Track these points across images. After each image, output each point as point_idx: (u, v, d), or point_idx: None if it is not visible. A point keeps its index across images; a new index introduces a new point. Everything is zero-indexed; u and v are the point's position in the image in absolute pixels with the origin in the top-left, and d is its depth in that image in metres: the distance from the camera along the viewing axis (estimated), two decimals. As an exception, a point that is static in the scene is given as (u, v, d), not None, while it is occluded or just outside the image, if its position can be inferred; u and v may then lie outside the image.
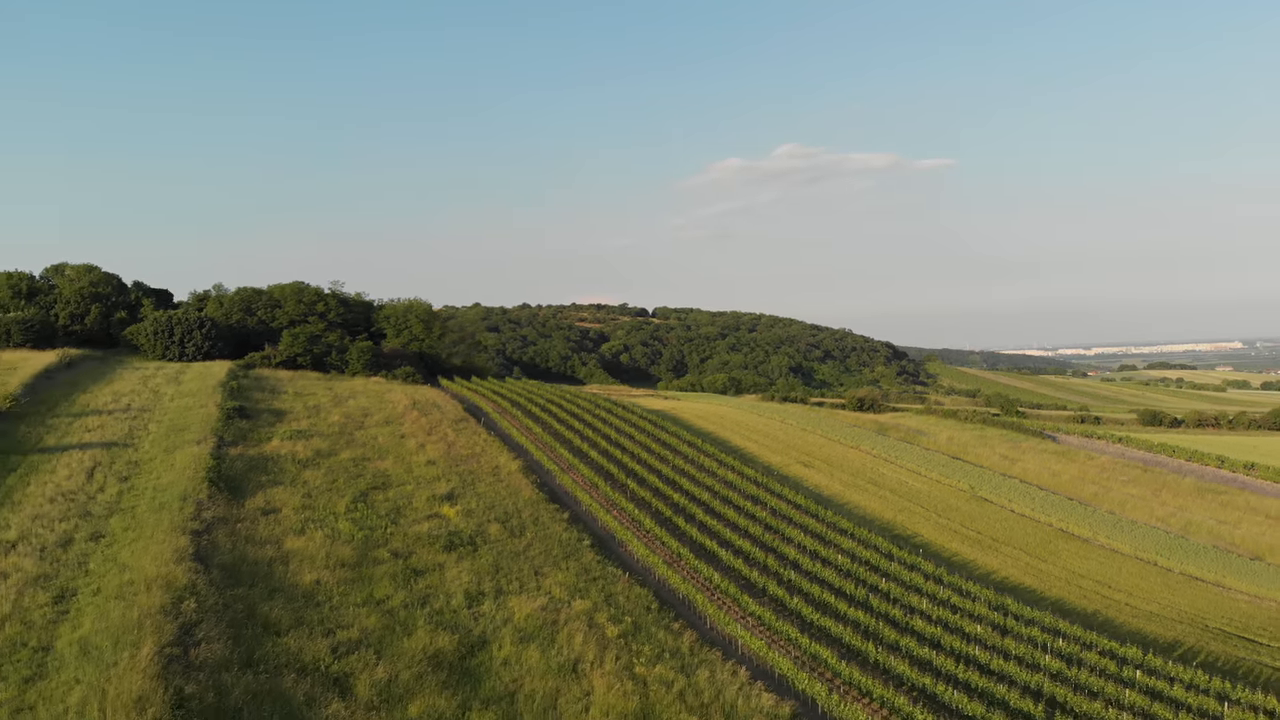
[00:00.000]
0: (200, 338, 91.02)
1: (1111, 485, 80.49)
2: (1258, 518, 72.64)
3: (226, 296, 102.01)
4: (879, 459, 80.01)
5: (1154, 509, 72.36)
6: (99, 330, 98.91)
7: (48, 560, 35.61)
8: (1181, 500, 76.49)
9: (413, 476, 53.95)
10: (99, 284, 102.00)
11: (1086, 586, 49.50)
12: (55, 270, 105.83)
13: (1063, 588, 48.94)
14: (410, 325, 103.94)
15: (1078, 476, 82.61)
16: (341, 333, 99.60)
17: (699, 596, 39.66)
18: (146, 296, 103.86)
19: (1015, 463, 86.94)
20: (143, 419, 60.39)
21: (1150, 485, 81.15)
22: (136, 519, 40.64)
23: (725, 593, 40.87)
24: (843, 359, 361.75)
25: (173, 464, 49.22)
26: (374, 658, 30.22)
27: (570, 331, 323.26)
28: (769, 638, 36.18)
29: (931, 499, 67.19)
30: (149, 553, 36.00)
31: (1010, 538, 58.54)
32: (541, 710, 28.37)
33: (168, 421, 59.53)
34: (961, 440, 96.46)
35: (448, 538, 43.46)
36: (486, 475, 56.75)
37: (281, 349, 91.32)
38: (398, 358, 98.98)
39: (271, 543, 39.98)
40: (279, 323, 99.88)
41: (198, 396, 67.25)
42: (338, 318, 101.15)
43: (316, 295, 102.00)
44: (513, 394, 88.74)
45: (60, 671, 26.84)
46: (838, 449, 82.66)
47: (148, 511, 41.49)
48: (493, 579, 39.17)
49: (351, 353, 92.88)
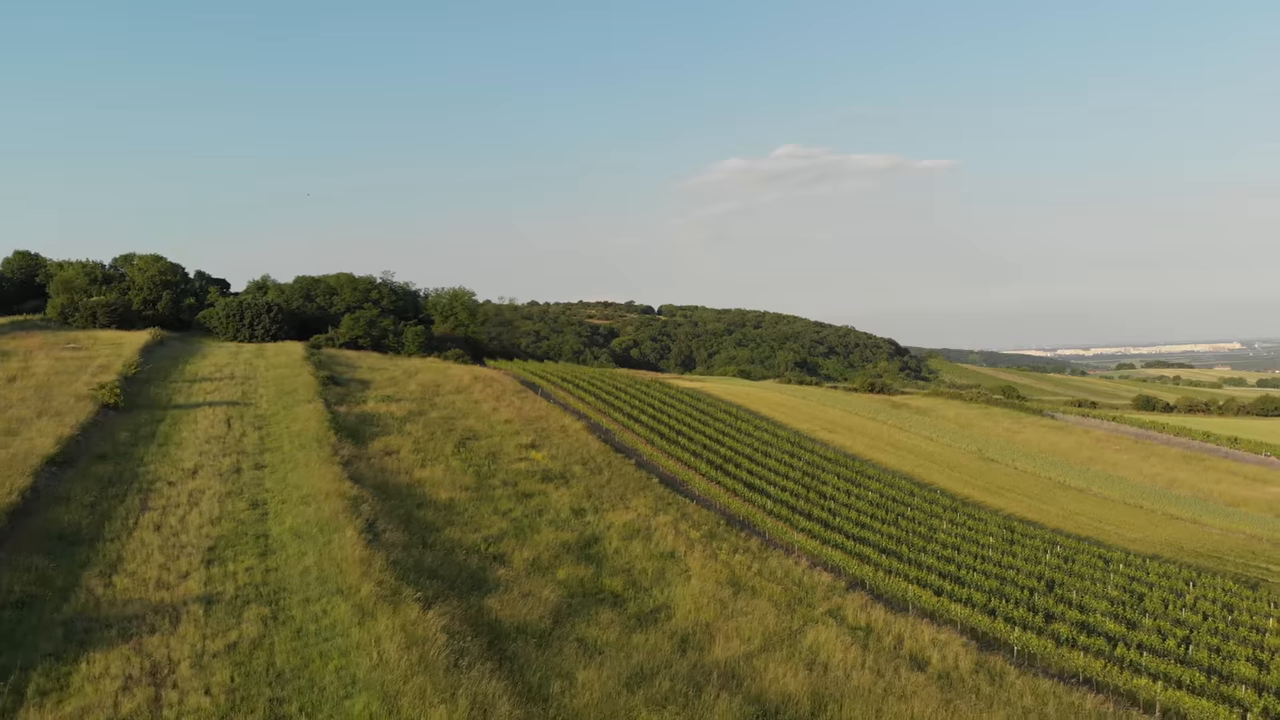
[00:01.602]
0: (268, 321, 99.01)
1: (1104, 453, 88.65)
2: (1236, 479, 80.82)
3: (287, 285, 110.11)
4: (894, 428, 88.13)
5: (1142, 470, 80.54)
6: (169, 314, 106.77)
7: (228, 481, 43.54)
8: (1168, 464, 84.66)
9: (496, 431, 61.95)
10: (166, 272, 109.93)
11: (1081, 521, 57.57)
12: (124, 260, 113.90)
13: (1060, 521, 56.99)
14: (456, 312, 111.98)
15: (1074, 445, 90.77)
16: (394, 318, 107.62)
17: (758, 516, 47.76)
18: (211, 284, 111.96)
19: (1017, 434, 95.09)
20: (250, 384, 68.39)
21: (1140, 453, 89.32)
22: (286, 455, 48.63)
23: (778, 515, 48.94)
24: (846, 355, 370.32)
25: (295, 417, 57.20)
26: (517, 545, 38.26)
27: (581, 328, 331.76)
28: (820, 542, 44.25)
29: (943, 458, 75.29)
30: (312, 475, 43.97)
31: (1014, 487, 66.63)
32: (653, 579, 36.41)
33: (273, 386, 67.52)
34: (967, 416, 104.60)
35: (542, 473, 51.53)
36: (556, 432, 64.75)
37: (343, 331, 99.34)
38: (447, 341, 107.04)
39: (404, 473, 48.03)
40: (336, 309, 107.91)
41: (289, 368, 75.28)
42: (390, 305, 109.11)
43: (370, 284, 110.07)
44: (557, 373, 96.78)
45: (285, 549, 34.74)
46: (856, 420, 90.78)
47: (293, 449, 49.48)
48: (588, 500, 47.23)
49: (407, 335, 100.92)
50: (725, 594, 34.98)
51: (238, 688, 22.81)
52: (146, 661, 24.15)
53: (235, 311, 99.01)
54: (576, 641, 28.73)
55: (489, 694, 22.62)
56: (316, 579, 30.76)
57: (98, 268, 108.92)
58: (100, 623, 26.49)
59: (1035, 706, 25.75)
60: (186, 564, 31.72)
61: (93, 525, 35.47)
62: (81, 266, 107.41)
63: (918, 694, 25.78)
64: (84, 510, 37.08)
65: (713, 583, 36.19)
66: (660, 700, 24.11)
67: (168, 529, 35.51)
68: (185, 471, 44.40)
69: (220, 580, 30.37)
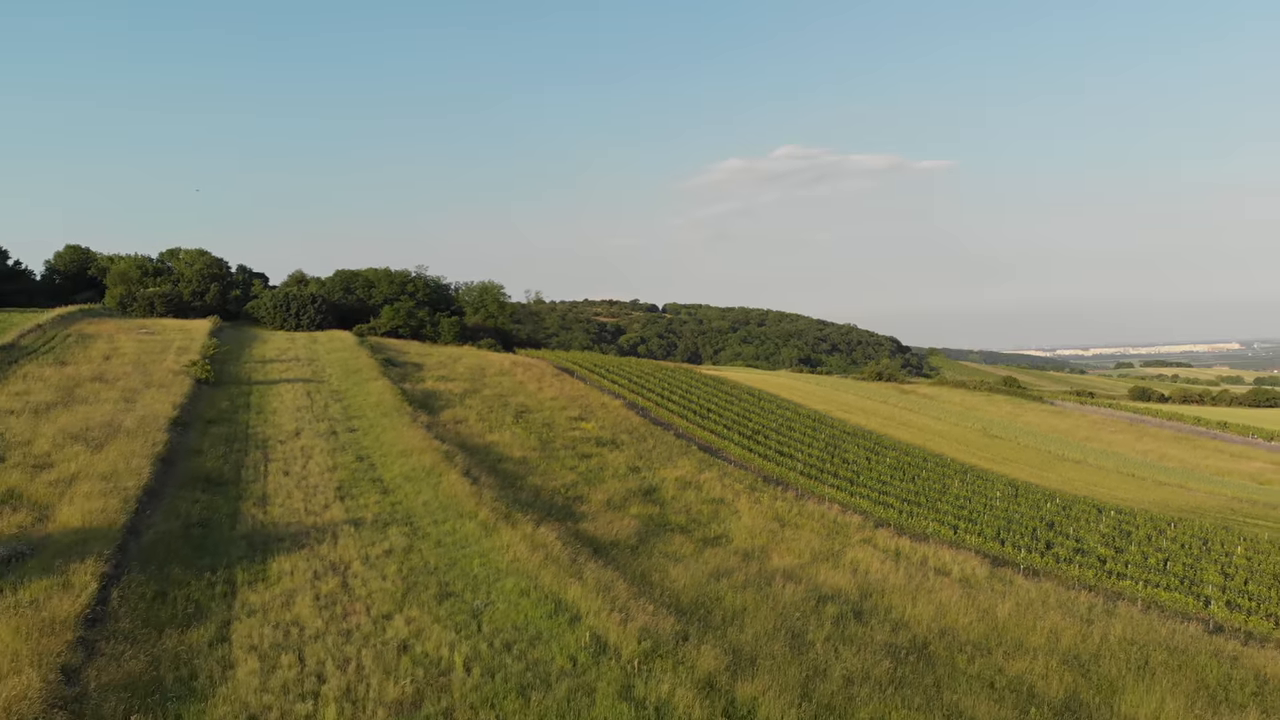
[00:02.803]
0: (313, 311, 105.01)
1: (1101, 433, 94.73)
2: (1223, 455, 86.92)
3: (327, 278, 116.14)
4: (903, 409, 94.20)
5: (1135, 447, 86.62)
6: (216, 305, 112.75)
7: (330, 440, 49.50)
8: (1160, 443, 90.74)
9: (544, 406, 67.92)
10: (211, 266, 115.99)
11: (1078, 485, 63.59)
12: (170, 254, 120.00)
13: (1059, 485, 62.99)
14: (487, 304, 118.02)
15: (1072, 427, 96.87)
16: (429, 309, 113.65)
17: (790, 475, 53.79)
18: (255, 277, 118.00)
19: (1018, 417, 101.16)
20: (315, 365, 74.38)
21: (1134, 433, 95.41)
22: (372, 421, 54.60)
23: (808, 475, 54.96)
24: (849, 352, 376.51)
25: (368, 391, 63.18)
26: (590, 490, 44.31)
27: (589, 324, 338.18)
28: (848, 494, 50.29)
29: (951, 435, 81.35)
30: (402, 435, 49.94)
31: (1017, 459, 72.69)
32: (709, 517, 42.44)
33: (338, 367, 73.50)
34: (971, 402, 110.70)
35: (595, 439, 57.54)
36: (598, 408, 70.72)
37: (383, 321, 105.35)
38: (479, 331, 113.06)
39: (477, 436, 54.04)
40: (374, 301, 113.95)
41: (345, 352, 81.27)
42: (424, 297, 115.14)
43: (405, 277, 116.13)
44: (588, 361, 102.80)
45: (401, 488, 40.59)
46: (868, 403, 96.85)
47: (376, 416, 55.47)
48: (640, 460, 53.24)
49: (443, 325, 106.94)
50: (773, 527, 41.07)
51: (406, 576, 28.85)
52: (324, 561, 30.18)
53: (282, 302, 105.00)
54: (660, 553, 34.81)
55: (607, 578, 28.68)
56: (438, 508, 36.79)
57: (147, 261, 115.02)
58: (272, 538, 32.49)
59: (1038, 598, 31.78)
60: (323, 499, 37.71)
61: (231, 471, 41.50)
62: (133, 260, 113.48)
63: (943, 589, 31.88)
64: (218, 460, 43.13)
65: (761, 519, 42.26)
66: (739, 586, 30.20)
67: (295, 474, 41.52)
68: (289, 433, 50.36)
69: (356, 510, 36.37)
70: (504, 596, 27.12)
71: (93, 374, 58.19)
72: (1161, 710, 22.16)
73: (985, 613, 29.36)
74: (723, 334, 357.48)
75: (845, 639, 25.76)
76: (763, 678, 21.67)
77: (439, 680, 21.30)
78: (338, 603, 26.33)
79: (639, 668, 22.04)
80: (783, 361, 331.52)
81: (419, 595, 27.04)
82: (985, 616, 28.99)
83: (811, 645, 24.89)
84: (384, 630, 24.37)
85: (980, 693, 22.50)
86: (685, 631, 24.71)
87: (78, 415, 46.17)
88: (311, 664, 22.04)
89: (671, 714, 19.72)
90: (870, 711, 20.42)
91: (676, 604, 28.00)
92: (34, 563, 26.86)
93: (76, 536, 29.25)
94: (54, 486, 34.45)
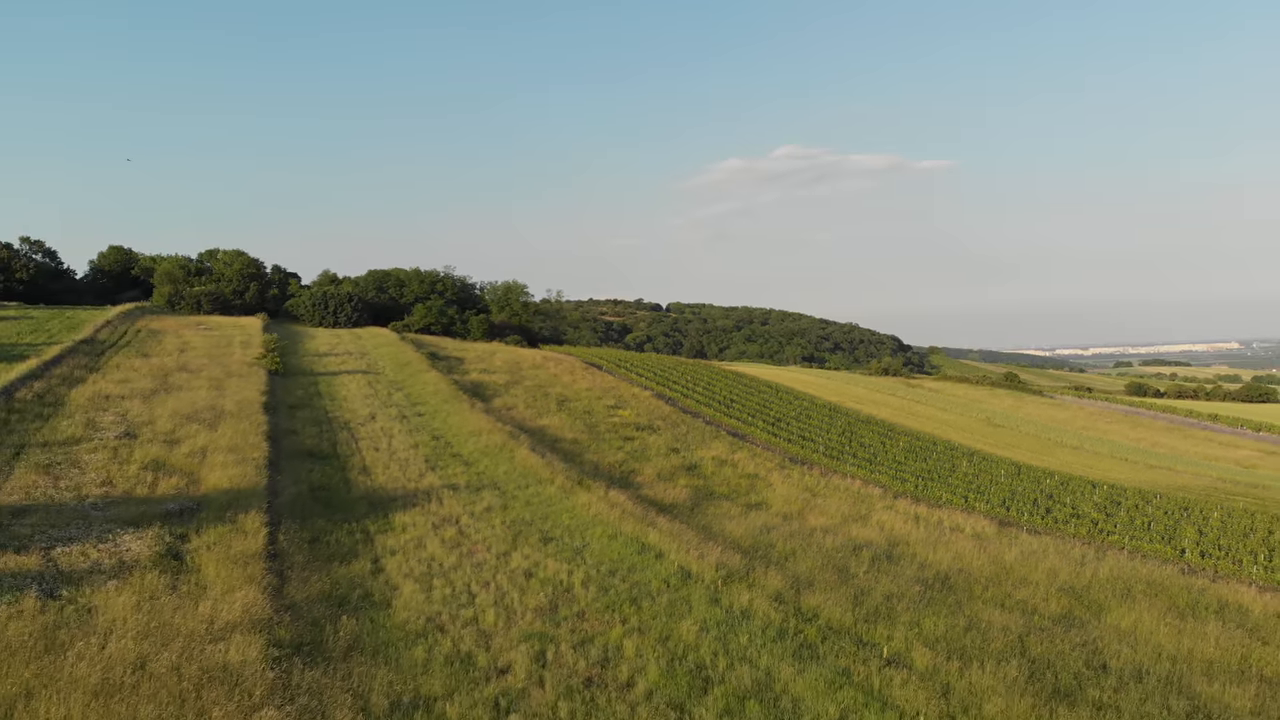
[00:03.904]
0: (350, 310, 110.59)
1: (1097, 424, 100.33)
2: (1212, 444, 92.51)
3: (360, 277, 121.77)
4: (911, 401, 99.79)
5: (1129, 436, 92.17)
6: (255, 303, 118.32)
7: (403, 423, 55.01)
8: (1153, 433, 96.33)
9: (581, 396, 73.46)
10: (249, 266, 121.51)
11: (1075, 467, 69.18)
12: (209, 255, 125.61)
13: (1058, 468, 68.47)
14: (511, 303, 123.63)
15: (1070, 418, 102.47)
16: (458, 308, 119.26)
17: (814, 456, 59.37)
18: (290, 277, 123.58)
19: (1019, 409, 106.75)
20: (367, 359, 79.92)
21: (1128, 424, 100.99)
22: (435, 406, 60.13)
23: (830, 456, 60.54)
24: (851, 350, 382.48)
25: (423, 382, 68.74)
26: (640, 465, 49.87)
27: (595, 323, 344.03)
28: (869, 472, 55.89)
29: (956, 424, 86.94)
30: (467, 418, 55.47)
31: (1019, 445, 78.27)
32: (747, 489, 47.97)
33: (388, 360, 79.06)
34: (974, 395, 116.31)
35: (634, 425, 63.09)
36: (630, 399, 76.25)
37: (416, 319, 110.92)
38: (505, 329, 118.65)
39: (529, 421, 59.58)
40: (405, 299, 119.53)
41: (391, 347, 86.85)
42: (453, 295, 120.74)
43: (435, 277, 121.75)
44: (612, 357, 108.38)
45: (480, 461, 45.99)
46: (878, 395, 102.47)
47: (438, 402, 61.02)
48: (678, 443, 58.78)
49: (472, 323, 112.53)
50: (805, 496, 46.66)
51: (510, 526, 34.44)
52: (436, 516, 35.73)
53: (320, 300, 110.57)
54: (712, 514, 40.40)
55: (676, 528, 34.29)
56: (517, 476, 42.38)
57: (189, 261, 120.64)
58: (385, 498, 38.04)
59: (1039, 549, 37.34)
60: (417, 470, 43.26)
61: (328, 447, 47.05)
62: (176, 260, 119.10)
63: (958, 542, 37.49)
64: (314, 438, 48.69)
65: (793, 490, 47.86)
66: (786, 537, 35.82)
67: (384, 450, 47.08)
68: (364, 417, 55.89)
69: (448, 478, 41.91)
70: (596, 540, 32.72)
71: (176, 365, 63.72)
72: (1139, 622, 27.75)
73: (995, 558, 34.97)
74: (727, 332, 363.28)
75: (880, 572, 31.38)
76: (820, 594, 27.29)
77: (565, 594, 26.88)
78: (461, 545, 31.92)
79: (720, 587, 27.64)
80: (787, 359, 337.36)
81: (526, 539, 32.64)
82: (995, 561, 34.58)
83: (854, 576, 30.51)
84: (507, 563, 29.96)
85: (993, 608, 28.10)
86: (751, 565, 30.31)
87: (182, 400, 51.72)
88: (459, 585, 27.61)
89: (753, 615, 25.31)
90: (908, 617, 26.02)
91: (738, 547, 33.61)
92: (205, 514, 32.39)
93: (228, 496, 34.76)
94: (191, 457, 40.00)
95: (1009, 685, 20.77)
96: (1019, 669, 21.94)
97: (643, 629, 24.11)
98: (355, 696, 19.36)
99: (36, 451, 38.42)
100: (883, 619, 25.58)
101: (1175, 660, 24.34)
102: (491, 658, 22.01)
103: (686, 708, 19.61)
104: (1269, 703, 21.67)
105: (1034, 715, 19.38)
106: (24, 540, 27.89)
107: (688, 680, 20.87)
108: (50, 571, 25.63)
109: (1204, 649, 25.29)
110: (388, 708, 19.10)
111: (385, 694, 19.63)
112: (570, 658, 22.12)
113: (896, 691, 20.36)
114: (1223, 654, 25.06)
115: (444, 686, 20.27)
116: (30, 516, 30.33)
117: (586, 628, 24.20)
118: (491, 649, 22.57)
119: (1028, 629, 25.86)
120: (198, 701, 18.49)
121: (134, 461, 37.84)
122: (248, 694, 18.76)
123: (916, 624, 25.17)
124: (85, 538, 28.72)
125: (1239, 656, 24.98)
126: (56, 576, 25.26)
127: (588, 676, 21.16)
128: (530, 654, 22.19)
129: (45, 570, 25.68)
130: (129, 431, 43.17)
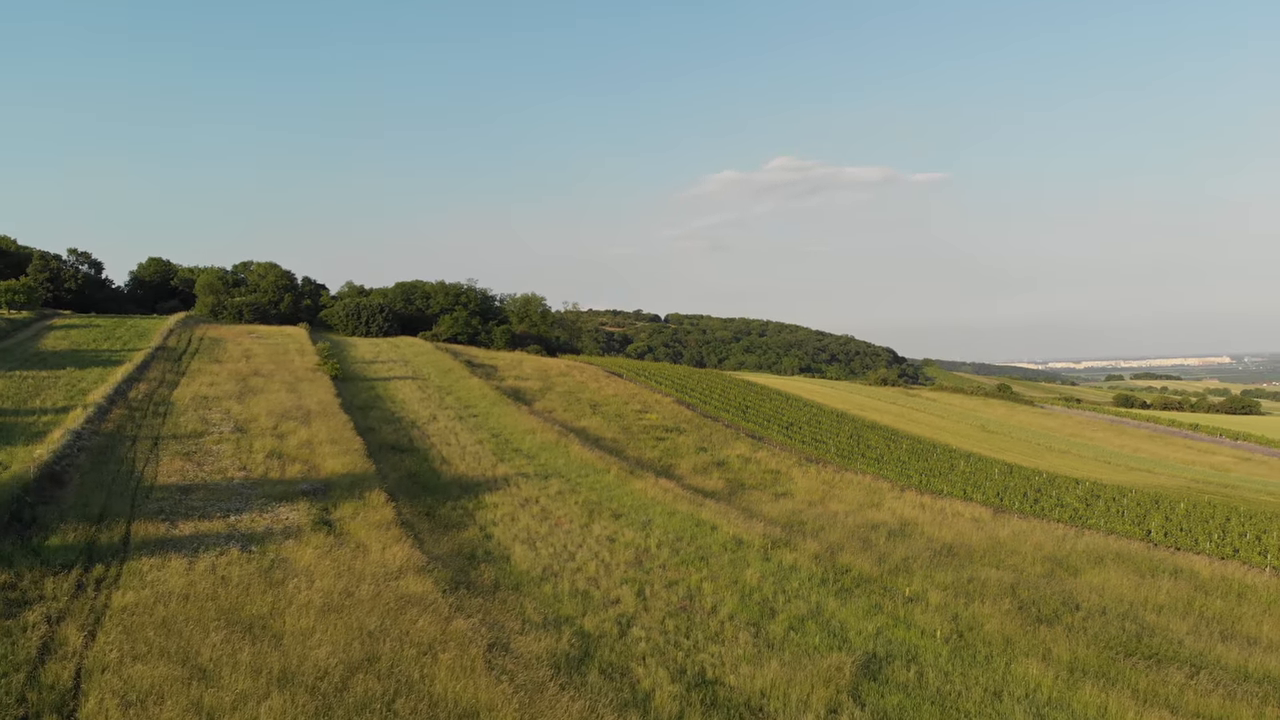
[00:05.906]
0: (381, 320, 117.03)
1: (1084, 431, 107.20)
2: (1191, 451, 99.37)
3: (388, 289, 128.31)
4: (911, 409, 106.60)
5: (1114, 442, 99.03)
6: (290, 312, 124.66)
7: (462, 423, 61.43)
8: (1136, 440, 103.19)
9: (610, 401, 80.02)
10: (282, 278, 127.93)
11: (1061, 469, 75.95)
12: (243, 266, 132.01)
13: (1046, 468, 75.31)
14: (530, 314, 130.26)
15: (1059, 426, 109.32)
16: (481, 319, 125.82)
17: (827, 455, 66.03)
18: (320, 288, 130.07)
19: (1011, 418, 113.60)
20: (410, 366, 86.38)
21: (1113, 432, 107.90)
22: (485, 409, 66.59)
23: (842, 455, 67.21)
24: (847, 361, 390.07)
25: (469, 387, 75.23)
26: (675, 461, 56.43)
27: (596, 333, 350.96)
28: (878, 468, 62.55)
29: (953, 430, 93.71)
30: (519, 419, 61.95)
31: (1011, 449, 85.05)
32: (772, 482, 54.57)
33: (430, 368, 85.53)
34: (969, 405, 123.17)
35: (662, 427, 69.66)
36: (654, 404, 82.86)
37: (443, 329, 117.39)
38: (526, 339, 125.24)
39: (570, 422, 66.08)
40: (431, 310, 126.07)
41: (429, 355, 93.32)
42: (476, 307, 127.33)
43: (459, 290, 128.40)
44: (630, 366, 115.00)
45: (540, 455, 52.45)
46: (879, 403, 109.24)
47: (488, 405, 67.50)
48: (704, 443, 65.37)
49: (495, 333, 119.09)
50: (823, 488, 53.30)
51: (583, 505, 40.94)
52: (518, 497, 42.20)
53: (353, 311, 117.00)
54: (747, 501, 46.99)
55: (722, 509, 40.87)
56: (577, 467, 48.91)
57: (226, 273, 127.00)
58: (471, 483, 44.48)
59: (1028, 529, 44.01)
60: (488, 462, 49.72)
61: (406, 442, 53.48)
62: (215, 272, 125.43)
63: (959, 523, 44.16)
64: (392, 435, 55.13)
65: (813, 483, 54.50)
66: (814, 518, 42.44)
67: (455, 445, 53.54)
68: (426, 417, 62.33)
69: (517, 468, 48.35)
70: (658, 516, 39.26)
71: (249, 370, 70.11)
72: (1107, 579, 34.41)
73: (990, 535, 41.63)
74: (725, 343, 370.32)
75: (896, 543, 38.03)
76: (849, 555, 33.91)
77: (645, 553, 33.42)
78: (548, 518, 38.43)
79: (769, 550, 34.22)
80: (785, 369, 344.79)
81: (600, 515, 39.17)
82: (990, 537, 41.25)
83: (875, 544, 37.16)
84: (590, 532, 36.47)
85: (990, 568, 34.74)
86: (790, 535, 36.89)
87: (269, 400, 58.12)
88: (557, 546, 34.11)
89: (799, 569, 31.89)
90: (922, 572, 32.64)
91: (776, 523, 40.22)
92: (335, 493, 38.82)
93: (345, 479, 41.17)
94: (302, 448, 46.42)
95: (1003, 614, 27.38)
96: (1010, 604, 28.56)
97: (714, 576, 30.67)
98: (515, 615, 25.88)
99: (171, 443, 44.84)
100: (902, 572, 32.19)
101: (1133, 604, 30.99)
102: (604, 593, 28.53)
103: (761, 625, 26.17)
104: (1202, 629, 28.34)
105: (1022, 631, 25.99)
106: (203, 511, 34.33)
107: (758, 609, 27.44)
108: (237, 534, 32.07)
109: (1157, 597, 31.96)
110: (541, 621, 25.62)
111: (536, 613, 26.16)
112: (664, 594, 28.67)
113: (918, 617, 26.96)
114: (1172, 600, 31.74)
115: (575, 610, 26.79)
116: (196, 494, 36.75)
117: (670, 575, 30.76)
118: (601, 588, 29.09)
119: (1017, 581, 32.51)
120: (402, 616, 24.96)
121: (257, 451, 44.25)
122: (437, 611, 25.23)
123: (929, 576, 31.79)
124: (248, 509, 35.15)
125: (1185, 601, 31.66)
126: (244, 536, 31.70)
127: (681, 605, 27.72)
128: (632, 591, 28.72)
129: (233, 533, 32.13)
130: (239, 427, 49.60)
